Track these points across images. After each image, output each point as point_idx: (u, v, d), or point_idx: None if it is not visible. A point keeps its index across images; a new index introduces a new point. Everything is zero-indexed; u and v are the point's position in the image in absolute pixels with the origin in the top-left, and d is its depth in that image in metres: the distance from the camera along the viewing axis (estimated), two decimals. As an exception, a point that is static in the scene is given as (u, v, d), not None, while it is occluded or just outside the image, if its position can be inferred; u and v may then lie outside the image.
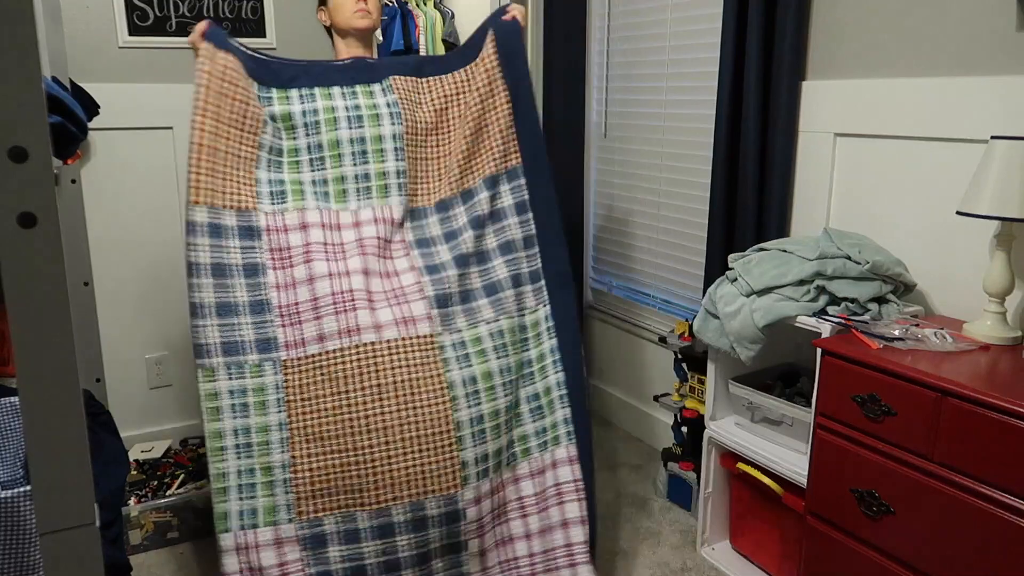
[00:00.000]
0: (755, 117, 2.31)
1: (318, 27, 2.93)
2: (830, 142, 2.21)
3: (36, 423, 0.67)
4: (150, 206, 2.74)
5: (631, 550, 2.39)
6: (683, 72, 2.79)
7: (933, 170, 1.99)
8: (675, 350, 2.62)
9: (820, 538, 1.83)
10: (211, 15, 2.74)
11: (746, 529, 2.28)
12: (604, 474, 2.87)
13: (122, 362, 2.81)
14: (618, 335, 3.27)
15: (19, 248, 0.63)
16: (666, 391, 2.87)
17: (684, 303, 2.93)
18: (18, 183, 0.61)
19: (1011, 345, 1.73)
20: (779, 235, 2.32)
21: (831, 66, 2.21)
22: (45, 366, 0.66)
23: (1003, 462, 1.43)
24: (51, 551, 0.69)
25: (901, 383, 1.60)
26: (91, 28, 2.58)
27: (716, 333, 2.10)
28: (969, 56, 1.88)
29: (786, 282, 1.96)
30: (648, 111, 2.97)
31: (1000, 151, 1.66)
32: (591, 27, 3.21)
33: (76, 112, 1.45)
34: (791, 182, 2.33)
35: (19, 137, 0.61)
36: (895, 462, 1.63)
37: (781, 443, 2.09)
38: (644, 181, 3.04)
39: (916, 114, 2.00)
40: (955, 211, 1.81)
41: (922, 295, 2.05)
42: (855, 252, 1.97)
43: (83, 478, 0.69)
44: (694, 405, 2.59)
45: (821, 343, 1.79)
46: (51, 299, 0.65)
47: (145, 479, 2.48)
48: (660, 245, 3.01)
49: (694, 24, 2.71)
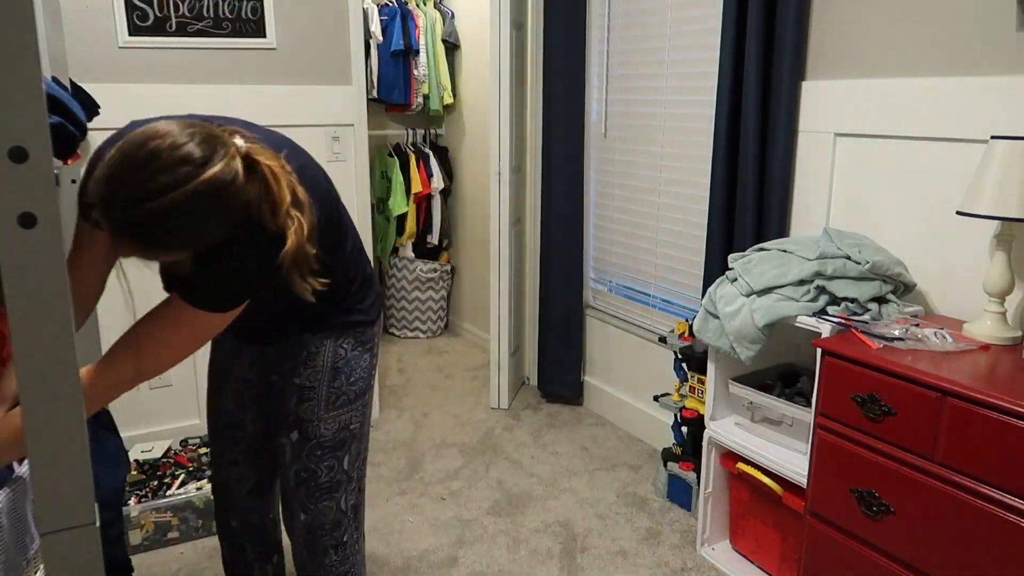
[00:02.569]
0: (755, 117, 2.30)
1: (318, 27, 2.93)
2: (830, 142, 2.21)
3: (36, 423, 0.67)
4: (150, 206, 2.73)
5: (631, 550, 2.39)
6: (683, 72, 2.79)
7: (933, 170, 1.99)
8: (675, 350, 2.62)
9: (820, 538, 1.83)
10: (211, 15, 2.74)
11: (746, 529, 2.28)
12: (604, 474, 2.87)
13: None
14: (618, 335, 3.27)
15: (19, 248, 0.63)
16: (666, 391, 2.87)
17: (684, 303, 2.93)
18: (18, 183, 0.61)
19: (1011, 345, 1.73)
20: (779, 235, 2.32)
21: (831, 66, 2.21)
22: (45, 366, 0.66)
23: (1003, 462, 1.43)
24: (51, 551, 0.69)
25: (901, 383, 1.60)
26: (91, 28, 2.58)
27: (716, 333, 2.10)
28: (969, 56, 1.88)
29: (786, 282, 1.95)
30: (648, 111, 2.97)
31: (1000, 151, 1.66)
32: (591, 27, 3.21)
33: (76, 112, 1.45)
34: (791, 182, 2.33)
35: (19, 137, 0.61)
36: (895, 462, 1.63)
37: (781, 443, 2.09)
38: (644, 181, 3.04)
39: (916, 114, 2.00)
40: (955, 211, 1.81)
41: (922, 295, 2.05)
42: (855, 252, 1.97)
43: (83, 478, 0.69)
44: (694, 405, 2.59)
45: (821, 343, 1.78)
46: (51, 299, 0.65)
47: (145, 479, 2.48)
48: (660, 245, 3.01)
49: (694, 24, 2.71)
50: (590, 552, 2.38)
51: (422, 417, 3.39)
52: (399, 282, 4.46)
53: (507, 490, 2.75)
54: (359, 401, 1.62)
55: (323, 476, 1.61)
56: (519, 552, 2.38)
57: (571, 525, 2.53)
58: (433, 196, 4.42)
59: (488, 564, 2.32)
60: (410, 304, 4.49)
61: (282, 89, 2.90)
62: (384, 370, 3.95)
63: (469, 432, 3.24)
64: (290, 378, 1.57)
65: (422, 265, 4.43)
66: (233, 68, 2.82)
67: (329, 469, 1.62)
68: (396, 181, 4.24)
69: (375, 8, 3.99)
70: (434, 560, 2.34)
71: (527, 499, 2.69)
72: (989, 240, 1.88)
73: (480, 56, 4.10)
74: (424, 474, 2.87)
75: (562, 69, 3.19)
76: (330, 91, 2.99)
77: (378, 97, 4.10)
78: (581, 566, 2.31)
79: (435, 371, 3.99)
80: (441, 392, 3.70)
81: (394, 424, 3.32)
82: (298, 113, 2.95)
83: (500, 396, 3.47)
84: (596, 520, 2.56)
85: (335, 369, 1.57)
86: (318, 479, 1.61)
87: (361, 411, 1.64)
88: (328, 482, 1.62)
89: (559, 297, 3.37)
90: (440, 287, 4.53)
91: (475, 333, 4.46)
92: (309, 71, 2.93)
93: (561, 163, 3.26)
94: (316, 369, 1.56)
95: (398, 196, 4.26)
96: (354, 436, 1.64)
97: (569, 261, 3.32)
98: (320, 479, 1.61)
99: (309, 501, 1.62)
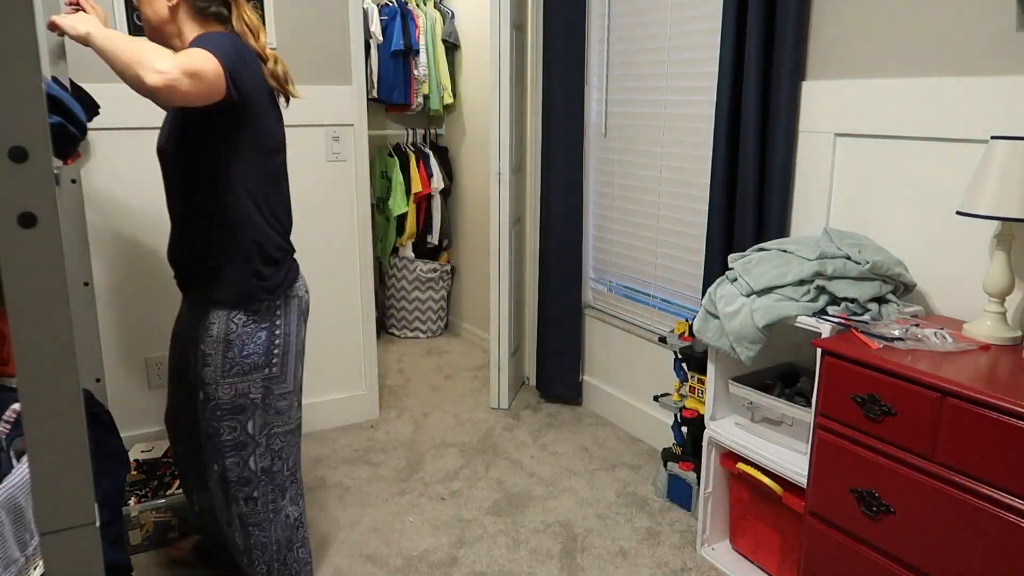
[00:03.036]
0: (755, 117, 2.30)
1: (318, 27, 2.93)
2: (830, 142, 2.21)
3: (36, 423, 0.67)
4: (150, 206, 2.73)
5: (631, 550, 2.39)
6: (683, 72, 2.79)
7: (933, 170, 1.99)
8: (675, 350, 2.62)
9: (820, 538, 1.83)
10: (211, 15, 2.74)
11: (746, 529, 2.28)
12: (604, 474, 2.87)
13: (122, 362, 2.81)
14: (618, 335, 3.27)
15: (19, 248, 0.63)
16: (666, 391, 2.87)
17: (684, 303, 2.93)
18: (18, 183, 0.61)
19: (1011, 345, 1.73)
20: (779, 235, 2.32)
21: (831, 66, 2.21)
22: (45, 366, 0.66)
23: (1003, 462, 1.43)
24: (51, 551, 0.69)
25: (901, 383, 1.60)
26: (91, 28, 2.57)
27: (716, 333, 2.10)
28: (969, 56, 1.88)
29: (786, 282, 1.95)
30: (648, 111, 2.97)
31: (1000, 151, 1.66)
32: (591, 27, 3.21)
33: (76, 112, 1.45)
34: (791, 182, 2.33)
35: (19, 137, 0.61)
36: (895, 462, 1.63)
37: (781, 443, 2.09)
38: (644, 181, 3.04)
39: (916, 114, 2.00)
40: (955, 211, 1.81)
41: (922, 295, 2.05)
42: (855, 252, 1.97)
43: (83, 478, 0.69)
44: (694, 405, 2.59)
45: (821, 343, 1.78)
46: (51, 299, 0.65)
47: (145, 479, 2.48)
48: (660, 245, 3.01)
49: (694, 24, 2.71)
50: (590, 552, 2.38)
51: (422, 417, 3.39)
52: (399, 282, 4.46)
53: (507, 490, 2.75)
54: (256, 374, 1.78)
55: (225, 435, 1.80)
56: (519, 552, 2.38)
57: (571, 525, 2.53)
58: (433, 196, 4.42)
59: (488, 564, 2.32)
60: (410, 304, 4.49)
61: (282, 89, 2.90)
62: (384, 370, 3.95)
63: (469, 432, 3.24)
64: (198, 344, 1.78)
65: (422, 265, 4.43)
66: (233, 68, 2.82)
67: (231, 430, 1.80)
68: (396, 181, 4.24)
69: (375, 8, 3.99)
70: (434, 560, 2.34)
71: (527, 499, 2.69)
72: (989, 240, 1.88)
73: (480, 56, 4.10)
74: (424, 474, 2.87)
75: (562, 69, 3.19)
76: (330, 91, 2.99)
77: (378, 97, 4.10)
78: (581, 566, 2.31)
79: (435, 371, 3.99)
80: (441, 392, 3.70)
81: (394, 424, 3.32)
82: (298, 113, 2.95)
83: (500, 396, 3.47)
84: (596, 520, 2.56)
85: (227, 341, 1.75)
86: (221, 436, 1.80)
87: (263, 384, 1.80)
88: (231, 441, 1.81)
89: (559, 297, 3.37)
90: (440, 287, 4.53)
91: (475, 333, 4.46)
92: (309, 71, 2.93)
93: (561, 163, 3.26)
94: (213, 338, 1.76)
95: (398, 196, 4.26)
96: (255, 405, 1.80)
97: (569, 261, 3.32)
98: (223, 437, 1.80)
99: (216, 455, 1.82)
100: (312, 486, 2.78)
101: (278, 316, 1.81)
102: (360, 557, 2.35)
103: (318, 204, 3.06)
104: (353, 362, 3.29)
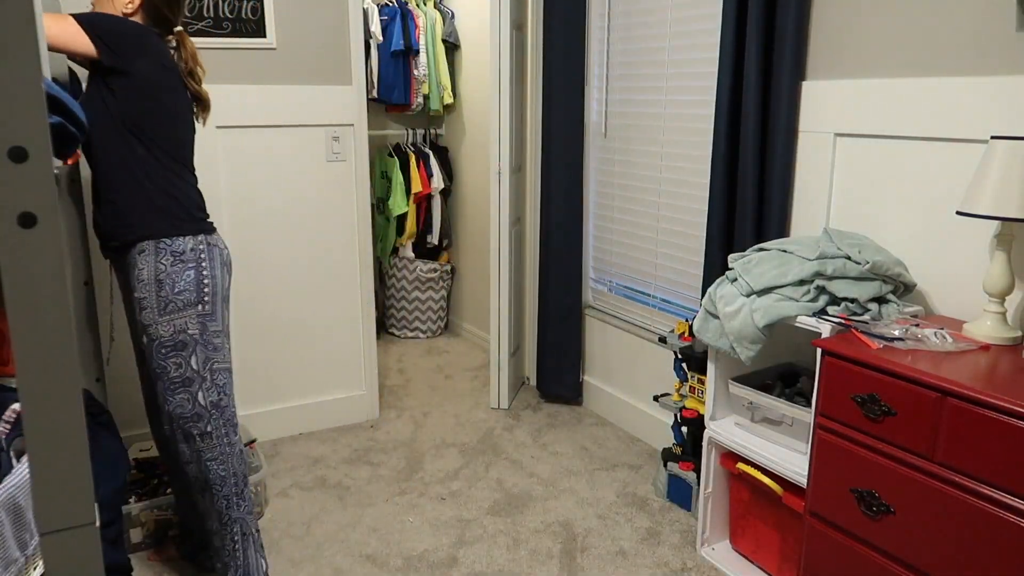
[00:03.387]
0: (755, 117, 2.30)
1: (318, 27, 2.93)
2: (830, 142, 2.21)
3: (36, 423, 0.67)
4: (150, 206, 2.73)
5: (631, 550, 2.39)
6: (683, 72, 2.79)
7: (933, 170, 1.99)
8: (675, 350, 2.62)
9: (820, 538, 1.83)
10: (211, 15, 2.74)
11: (746, 529, 2.28)
12: (604, 474, 2.87)
13: (122, 362, 2.81)
14: (618, 335, 3.27)
15: (19, 248, 0.63)
16: (666, 391, 2.87)
17: (684, 303, 2.93)
18: (18, 183, 0.61)
19: (1011, 345, 1.73)
20: (779, 235, 2.32)
21: (831, 66, 2.21)
22: (45, 366, 0.66)
23: (1003, 462, 1.43)
24: (51, 551, 0.69)
25: (901, 383, 1.60)
26: (91, 28, 2.57)
27: (716, 333, 2.10)
28: (969, 56, 1.88)
29: (786, 282, 1.96)
30: (648, 111, 2.97)
31: (1000, 151, 1.66)
32: (591, 27, 3.21)
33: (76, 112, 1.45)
34: (791, 182, 2.33)
35: (19, 137, 0.61)
36: (895, 462, 1.63)
37: (781, 443, 2.09)
38: (644, 181, 3.04)
39: (916, 114, 2.00)
40: (955, 211, 1.81)
41: (922, 295, 2.05)
42: (855, 252, 1.97)
43: (83, 478, 0.69)
44: (694, 405, 2.59)
45: (821, 343, 1.78)
46: (51, 299, 0.65)
47: (145, 479, 2.48)
48: (660, 245, 3.01)
49: (694, 24, 2.71)
50: (590, 552, 2.38)
51: (422, 417, 3.40)
52: (399, 282, 4.46)
53: (507, 490, 2.75)
54: (191, 310, 1.92)
55: (173, 371, 1.92)
56: (519, 552, 2.38)
57: (571, 525, 2.53)
58: (433, 196, 4.42)
59: (488, 564, 2.32)
60: (410, 304, 4.49)
61: (282, 89, 2.90)
62: (384, 370, 3.95)
63: (469, 432, 3.24)
64: (132, 294, 1.92)
65: (422, 265, 4.43)
66: (233, 68, 2.82)
67: (177, 366, 1.92)
68: (396, 181, 4.24)
69: (375, 8, 3.99)
70: (434, 560, 2.34)
71: (527, 499, 2.69)
72: (989, 240, 1.88)
73: (480, 56, 4.10)
74: (424, 474, 2.87)
75: (562, 69, 3.19)
76: (330, 91, 2.99)
77: (378, 97, 4.10)
78: (581, 566, 2.31)
79: (435, 371, 4.00)
80: (441, 392, 3.70)
81: (394, 424, 3.32)
82: (298, 113, 2.95)
83: (500, 396, 3.47)
84: (596, 520, 2.56)
85: (158, 281, 1.89)
86: (169, 374, 1.92)
87: (198, 320, 1.94)
88: (179, 377, 1.93)
89: (559, 297, 3.37)
90: (440, 287, 4.53)
91: (475, 333, 4.46)
92: (309, 71, 2.94)
93: (561, 163, 3.26)
94: (144, 282, 1.89)
95: (398, 196, 4.26)
96: (195, 340, 1.93)
97: (569, 261, 3.32)
98: (171, 374, 1.92)
99: (168, 393, 1.93)
100: (312, 486, 2.78)
101: (203, 260, 1.95)
102: (360, 557, 2.35)
103: (318, 204, 3.06)
104: (353, 362, 3.29)
